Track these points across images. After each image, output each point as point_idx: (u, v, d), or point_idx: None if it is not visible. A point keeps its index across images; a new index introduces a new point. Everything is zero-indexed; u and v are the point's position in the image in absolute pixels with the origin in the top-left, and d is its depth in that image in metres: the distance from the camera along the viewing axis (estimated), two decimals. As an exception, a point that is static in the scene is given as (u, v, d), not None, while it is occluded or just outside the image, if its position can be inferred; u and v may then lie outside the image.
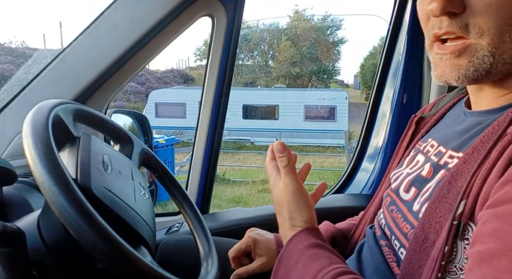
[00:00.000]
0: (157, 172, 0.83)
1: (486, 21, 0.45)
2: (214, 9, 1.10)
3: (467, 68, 0.48)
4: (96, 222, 0.48)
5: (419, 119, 0.74)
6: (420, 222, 0.50)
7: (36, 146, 0.50)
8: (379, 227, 0.67)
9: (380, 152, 1.28)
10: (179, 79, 20.43)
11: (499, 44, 0.45)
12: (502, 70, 0.47)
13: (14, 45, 18.77)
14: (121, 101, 16.02)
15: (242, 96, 12.99)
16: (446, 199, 0.47)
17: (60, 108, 0.61)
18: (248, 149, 12.12)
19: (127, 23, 1.01)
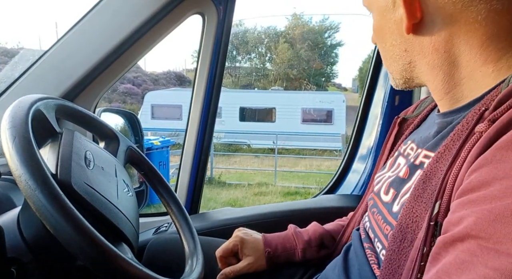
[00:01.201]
0: (143, 170, 0.83)
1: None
2: (204, 7, 1.09)
3: None
4: (73, 217, 0.47)
5: (402, 120, 0.74)
6: (398, 222, 0.50)
7: (13, 139, 0.49)
8: (363, 230, 0.67)
9: (371, 153, 1.28)
10: (176, 81, 20.43)
11: (388, 67, 0.59)
12: (404, 83, 0.58)
13: (10, 46, 18.70)
14: (117, 102, 15.98)
15: (239, 98, 12.99)
16: (421, 199, 0.47)
17: (42, 103, 0.60)
18: (245, 152, 12.11)
19: (116, 20, 1.01)
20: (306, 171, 9.68)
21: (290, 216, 1.11)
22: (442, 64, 0.51)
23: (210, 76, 1.16)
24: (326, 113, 12.70)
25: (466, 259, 0.33)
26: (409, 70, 0.55)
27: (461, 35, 0.48)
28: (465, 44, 0.48)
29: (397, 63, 0.56)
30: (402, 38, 0.53)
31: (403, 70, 0.56)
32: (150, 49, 1.08)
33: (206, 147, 1.20)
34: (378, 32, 0.57)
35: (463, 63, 0.49)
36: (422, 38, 0.51)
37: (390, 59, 0.57)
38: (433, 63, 0.51)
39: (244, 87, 20.62)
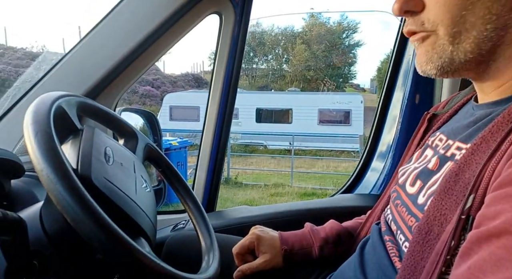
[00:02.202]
0: (161, 167, 0.84)
1: (438, 14, 0.49)
2: (222, 7, 1.10)
3: (432, 54, 0.51)
4: (93, 211, 0.48)
5: (431, 116, 0.73)
6: (425, 214, 0.49)
7: (36, 134, 0.51)
8: (385, 222, 0.66)
9: (390, 152, 1.26)
10: (194, 83, 20.62)
11: (454, 34, 0.48)
12: (468, 59, 0.49)
13: (36, 50, 19.27)
14: (136, 104, 16.25)
15: (255, 99, 13.00)
16: (452, 192, 0.46)
17: (63, 100, 0.61)
18: (261, 153, 12.11)
19: (135, 21, 1.02)
20: (323, 172, 9.61)
21: (307, 215, 1.11)
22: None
23: (227, 76, 1.16)
24: (344, 114, 12.58)
25: (503, 256, 0.32)
26: (495, 39, 0.47)
27: None
28: None
29: (484, 26, 0.46)
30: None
31: (486, 39, 0.47)
32: (168, 49, 1.09)
33: (222, 147, 1.20)
34: (457, 1, 0.47)
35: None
36: None
37: (475, 20, 0.46)
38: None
39: (261, 88, 20.63)
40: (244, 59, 22.34)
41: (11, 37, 34.45)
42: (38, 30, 35.54)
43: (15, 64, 15.44)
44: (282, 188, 7.82)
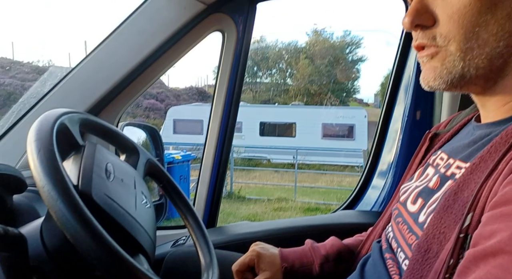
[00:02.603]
0: (162, 182, 0.84)
1: (451, 30, 0.48)
2: (224, 25, 1.12)
3: (441, 70, 0.51)
4: (92, 227, 0.49)
5: (433, 135, 0.73)
6: (424, 232, 0.49)
7: (38, 151, 0.51)
8: (385, 240, 0.66)
9: (391, 168, 1.26)
10: (198, 96, 20.77)
11: (466, 50, 0.48)
12: (479, 75, 0.49)
13: (41, 64, 19.59)
14: (141, 118, 16.36)
15: (259, 113, 13.06)
16: (451, 210, 0.46)
17: (66, 117, 0.62)
18: (265, 167, 12.09)
19: (140, 38, 1.05)
20: (327, 187, 9.56)
21: (308, 231, 1.10)
22: None
23: (229, 91, 1.18)
24: (348, 128, 12.58)
25: (499, 275, 0.33)
26: (506, 56, 0.47)
27: None
28: None
29: (497, 43, 0.47)
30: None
31: (498, 56, 0.47)
32: (172, 65, 1.11)
33: (224, 161, 1.21)
34: (470, 17, 0.47)
35: None
36: None
37: (489, 36, 0.47)
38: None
39: (265, 102, 20.73)
40: (248, 73, 22.61)
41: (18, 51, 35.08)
42: (44, 45, 36.17)
43: (21, 78, 15.68)
44: (286, 202, 7.77)
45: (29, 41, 33.30)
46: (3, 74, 15.80)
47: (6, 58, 19.53)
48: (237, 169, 10.75)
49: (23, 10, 34.77)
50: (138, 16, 1.05)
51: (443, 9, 0.49)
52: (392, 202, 0.78)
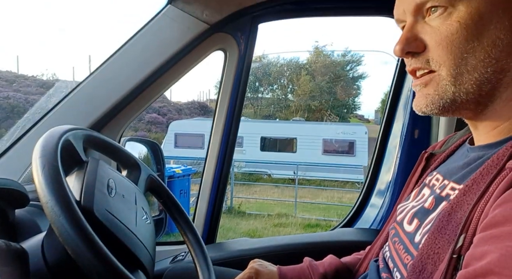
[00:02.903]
0: (162, 198, 0.85)
1: (440, 55, 0.51)
2: (226, 44, 1.15)
3: (433, 96, 0.53)
4: (94, 243, 0.50)
5: (429, 155, 0.75)
6: (419, 252, 0.50)
7: (43, 168, 0.53)
8: (383, 259, 0.67)
9: (389, 187, 1.26)
10: (199, 111, 20.88)
11: (457, 75, 0.50)
12: (469, 100, 0.51)
13: (46, 77, 19.79)
14: (142, 131, 16.41)
15: (260, 128, 13.11)
16: (445, 231, 0.47)
17: (71, 134, 0.64)
18: (265, 182, 12.05)
19: (144, 55, 1.07)
20: (328, 203, 9.50)
21: (307, 249, 1.10)
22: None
23: (230, 108, 1.20)
24: (348, 144, 12.59)
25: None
26: (494, 81, 0.49)
27: None
28: None
29: (484, 69, 0.49)
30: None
31: (486, 81, 0.49)
32: (174, 83, 1.13)
33: (225, 178, 1.22)
34: (473, 27, 0.49)
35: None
36: None
37: (477, 63, 0.49)
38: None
39: (266, 118, 20.82)
40: (250, 88, 22.78)
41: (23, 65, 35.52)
42: (49, 59, 36.66)
43: (25, 91, 15.83)
44: (286, 218, 7.72)
45: (34, 55, 33.77)
46: (7, 88, 15.96)
47: (11, 71, 19.77)
48: (238, 184, 10.72)
49: (29, 25, 35.39)
50: (143, 35, 1.07)
51: (431, 36, 0.52)
52: (390, 221, 0.78)
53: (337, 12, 1.13)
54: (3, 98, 14.55)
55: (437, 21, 0.51)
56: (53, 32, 38.96)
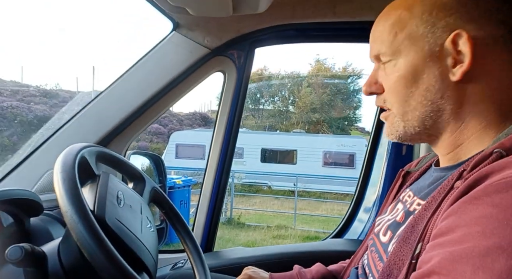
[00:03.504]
0: (165, 209, 0.93)
1: (391, 98, 0.63)
2: (225, 66, 1.24)
3: (391, 129, 0.65)
4: (106, 248, 0.58)
5: (405, 173, 0.83)
6: (388, 259, 0.58)
7: (64, 182, 0.61)
8: (362, 267, 0.75)
9: (376, 200, 1.34)
10: (201, 122, 21.00)
11: (403, 113, 0.62)
12: (419, 132, 0.62)
13: (49, 87, 20.00)
14: (144, 141, 16.50)
15: (260, 139, 13.19)
16: (408, 240, 0.55)
17: (86, 151, 0.73)
18: (265, 193, 12.07)
19: (149, 77, 1.17)
20: (327, 215, 9.52)
21: (298, 258, 1.17)
22: (467, 116, 0.58)
23: (229, 125, 1.29)
24: (348, 157, 12.64)
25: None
26: (434, 118, 0.59)
27: (489, 92, 0.56)
28: (488, 102, 0.57)
29: (423, 108, 0.59)
30: (443, 84, 0.57)
31: (427, 117, 0.60)
32: (176, 102, 1.23)
33: (222, 189, 1.30)
34: (409, 77, 0.59)
35: (480, 120, 0.58)
36: (468, 86, 0.56)
37: (416, 104, 0.59)
38: (462, 113, 0.58)
39: (266, 129, 20.93)
40: (251, 100, 22.95)
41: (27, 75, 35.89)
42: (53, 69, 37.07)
43: (28, 101, 15.99)
44: (285, 230, 7.74)
45: (38, 65, 34.18)
46: (11, 97, 16.13)
47: (15, 81, 20.00)
48: (238, 195, 10.75)
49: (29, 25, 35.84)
50: (149, 58, 1.17)
51: (385, 82, 0.64)
52: (370, 232, 0.86)
53: (328, 39, 1.23)
54: (7, 107, 14.69)
55: (388, 70, 0.63)
56: (53, 32, 39.44)
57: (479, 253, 0.39)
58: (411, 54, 0.59)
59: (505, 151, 0.48)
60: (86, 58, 32.86)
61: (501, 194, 0.42)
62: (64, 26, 37.95)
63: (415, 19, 0.59)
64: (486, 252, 0.39)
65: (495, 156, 0.48)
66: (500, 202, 0.42)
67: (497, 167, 0.46)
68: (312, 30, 1.23)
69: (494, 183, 0.44)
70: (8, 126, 13.83)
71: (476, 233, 0.41)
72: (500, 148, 0.49)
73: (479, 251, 0.40)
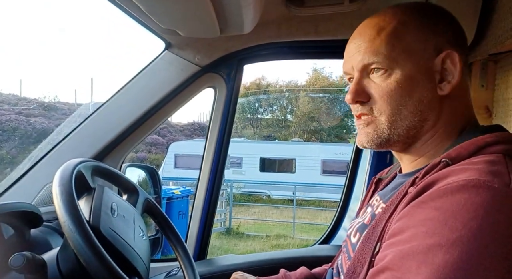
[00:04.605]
0: (157, 219, 0.99)
1: (382, 106, 0.65)
2: (216, 82, 1.31)
3: (373, 135, 0.67)
4: (101, 255, 0.64)
5: (377, 180, 0.90)
6: (353, 258, 0.65)
7: (61, 195, 0.68)
8: (336, 267, 0.81)
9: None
10: (200, 131, 21.08)
11: (392, 121, 0.65)
12: (399, 140, 0.66)
13: (48, 100, 20.14)
14: (142, 153, 16.54)
15: (259, 149, 13.26)
16: (370, 241, 0.61)
17: (82, 166, 0.79)
18: (264, 203, 12.10)
19: (143, 93, 1.23)
20: (326, 224, 9.53)
21: (286, 263, 1.22)
22: (441, 127, 0.64)
23: (219, 137, 1.35)
24: (347, 165, 12.63)
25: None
26: (419, 127, 0.64)
27: (461, 107, 0.64)
28: (458, 115, 0.64)
29: (413, 118, 0.63)
30: (432, 96, 0.62)
31: (413, 127, 0.64)
32: (169, 117, 1.29)
33: (215, 199, 1.36)
34: (406, 88, 0.62)
35: (447, 131, 0.64)
36: (447, 100, 0.63)
37: (408, 113, 0.63)
38: (438, 125, 0.64)
39: (265, 138, 21.01)
40: (250, 109, 23.04)
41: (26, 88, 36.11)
42: (51, 81, 37.30)
43: (27, 114, 16.09)
44: (284, 239, 7.76)
45: (36, 78, 34.42)
46: (10, 110, 16.23)
47: (14, 94, 20.14)
48: (237, 205, 10.76)
49: (33, 47, 36.20)
50: (142, 76, 1.24)
51: (375, 90, 0.66)
52: None
53: (311, 55, 1.31)
54: (6, 120, 14.79)
55: (379, 79, 0.66)
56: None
57: (422, 250, 0.46)
58: (408, 66, 0.63)
59: (450, 161, 0.55)
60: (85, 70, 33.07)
61: (443, 199, 0.48)
62: (63, 36, 38.31)
63: (410, 34, 0.63)
64: (428, 249, 0.45)
65: (442, 165, 0.55)
66: (442, 205, 0.48)
67: (442, 175, 0.52)
68: (296, 47, 1.30)
69: (438, 189, 0.50)
70: (6, 139, 13.88)
71: (421, 233, 0.47)
72: (446, 158, 0.55)
73: (422, 249, 0.46)
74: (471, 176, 0.49)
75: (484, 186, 0.47)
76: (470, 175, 0.49)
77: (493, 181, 0.48)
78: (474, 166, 0.51)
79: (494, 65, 1.11)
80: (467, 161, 0.54)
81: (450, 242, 0.44)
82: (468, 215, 0.45)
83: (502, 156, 0.53)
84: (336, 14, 1.15)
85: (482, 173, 0.49)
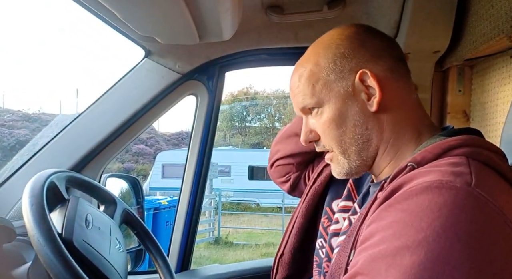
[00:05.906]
0: (136, 230, 0.96)
1: (327, 141, 0.69)
2: (197, 90, 1.30)
3: (339, 169, 0.70)
4: (73, 269, 0.61)
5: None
6: (331, 264, 0.65)
7: (31, 206, 0.65)
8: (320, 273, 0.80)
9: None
10: (188, 141, 20.96)
11: (343, 151, 0.68)
12: (359, 164, 0.68)
13: (32, 111, 19.80)
14: (129, 163, 16.36)
15: (248, 157, 13.22)
16: (346, 248, 0.61)
17: (55, 176, 0.76)
18: (253, 211, 12.03)
19: (123, 102, 1.21)
20: (316, 230, 9.51)
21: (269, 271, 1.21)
22: (389, 139, 0.66)
23: (202, 145, 1.33)
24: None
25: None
26: (366, 148, 0.66)
27: (402, 115, 0.65)
28: (403, 123, 0.65)
29: (357, 143, 0.66)
30: (365, 116, 0.65)
31: (362, 149, 0.66)
32: (150, 125, 1.27)
33: (198, 209, 1.34)
34: (337, 119, 0.66)
35: (400, 140, 0.65)
36: (382, 114, 0.65)
37: (350, 140, 0.66)
38: (385, 138, 0.66)
39: (253, 146, 21.01)
40: (238, 117, 23.08)
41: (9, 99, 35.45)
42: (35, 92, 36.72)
43: (10, 126, 15.79)
44: (274, 248, 7.71)
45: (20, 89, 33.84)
46: (-7, 122, 15.91)
47: (-4, 106, 19.77)
48: (226, 214, 10.67)
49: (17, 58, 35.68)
50: (122, 84, 1.22)
51: (317, 129, 0.70)
52: None
53: (291, 62, 1.30)
54: (-12, 133, 14.48)
55: (316, 118, 0.69)
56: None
57: (390, 253, 0.46)
58: (332, 100, 0.67)
59: (416, 164, 0.56)
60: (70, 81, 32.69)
61: (408, 201, 0.49)
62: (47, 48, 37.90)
63: (324, 70, 0.67)
64: (396, 252, 0.45)
65: (408, 169, 0.56)
66: (408, 207, 0.48)
67: (407, 178, 0.53)
68: (277, 54, 1.30)
69: (404, 191, 0.51)
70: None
71: (389, 236, 0.47)
72: (412, 162, 0.56)
73: (390, 251, 0.46)
74: (434, 177, 0.50)
75: (446, 187, 0.48)
76: (434, 176, 0.50)
77: (455, 181, 0.48)
78: (437, 168, 0.52)
79: (470, 70, 1.12)
80: (431, 164, 0.55)
81: (416, 243, 0.44)
82: (432, 215, 0.46)
83: (465, 158, 0.54)
84: (316, 21, 1.15)
85: (445, 174, 0.50)
